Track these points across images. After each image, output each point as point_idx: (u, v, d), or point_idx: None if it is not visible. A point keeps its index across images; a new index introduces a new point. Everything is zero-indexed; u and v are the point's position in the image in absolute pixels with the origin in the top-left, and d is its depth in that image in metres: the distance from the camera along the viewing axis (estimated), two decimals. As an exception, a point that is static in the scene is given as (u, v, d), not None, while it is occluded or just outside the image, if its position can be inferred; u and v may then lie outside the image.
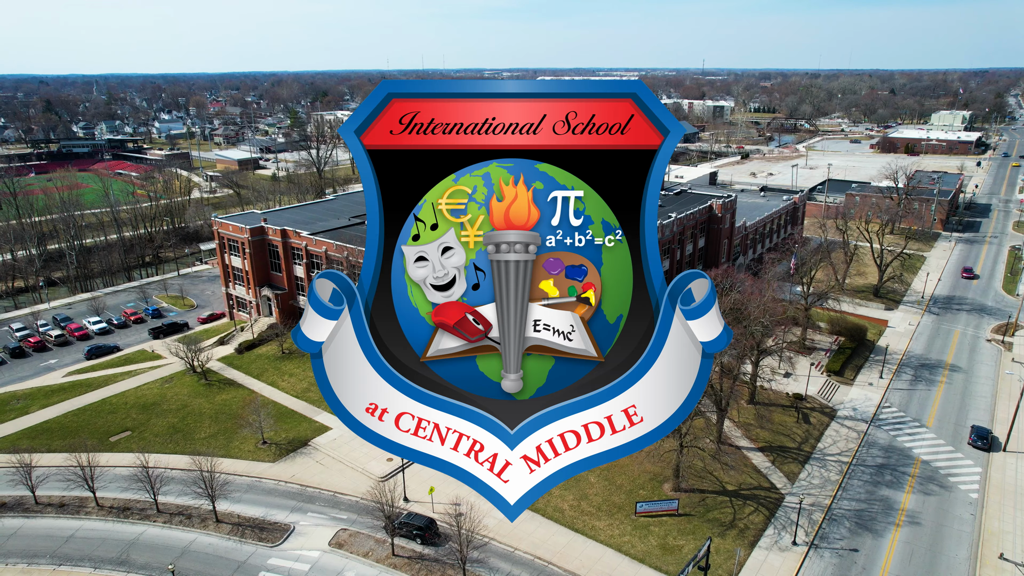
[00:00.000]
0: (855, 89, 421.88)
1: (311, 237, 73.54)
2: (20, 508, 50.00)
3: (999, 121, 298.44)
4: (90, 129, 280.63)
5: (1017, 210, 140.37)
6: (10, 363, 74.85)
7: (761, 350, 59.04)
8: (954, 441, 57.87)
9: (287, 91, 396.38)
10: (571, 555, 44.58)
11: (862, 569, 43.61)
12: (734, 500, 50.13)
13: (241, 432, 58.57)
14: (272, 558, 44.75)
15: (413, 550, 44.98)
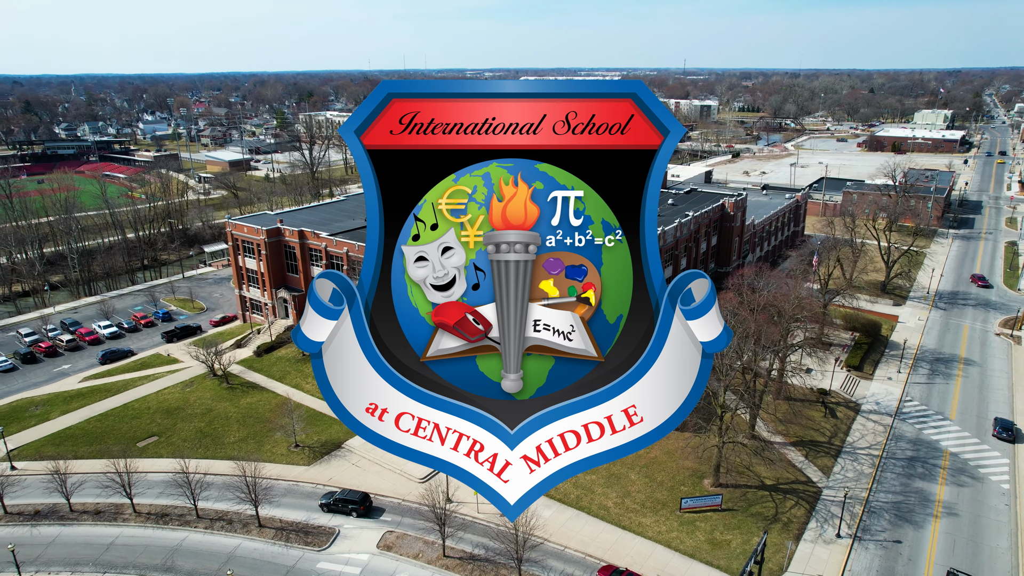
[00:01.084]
0: (836, 88, 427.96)
1: (331, 238, 72.97)
2: (55, 516, 49.04)
3: (978, 120, 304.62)
4: (72, 130, 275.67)
5: (1008, 207, 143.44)
6: (22, 369, 73.37)
7: (790, 345, 59.74)
8: (979, 433, 59.02)
9: (271, 92, 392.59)
10: (621, 552, 44.77)
11: (908, 560, 44.33)
12: (774, 494, 50.66)
13: (272, 436, 57.96)
14: (321, 562, 44.38)
15: (464, 551, 44.87)
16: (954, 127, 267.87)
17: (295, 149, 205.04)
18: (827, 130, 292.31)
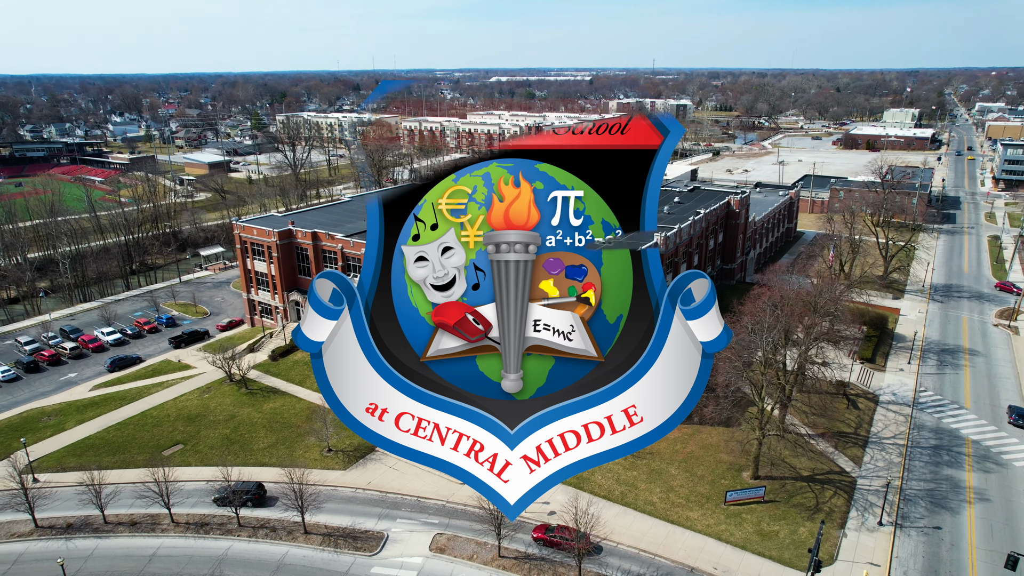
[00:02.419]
0: (805, 88, 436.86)
1: (347, 239, 72.02)
2: (90, 528, 47.55)
3: (942, 118, 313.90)
4: (38, 132, 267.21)
5: (985, 202, 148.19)
6: (26, 378, 70.90)
7: (816, 338, 60.85)
8: (995, 421, 60.88)
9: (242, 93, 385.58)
10: (674, 546, 45.14)
11: (951, 546, 45.53)
12: (812, 485, 51.57)
13: (303, 440, 57.02)
14: (374, 567, 43.83)
15: (518, 550, 44.74)
16: (921, 125, 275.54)
17: (275, 151, 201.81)
18: (801, 128, 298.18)
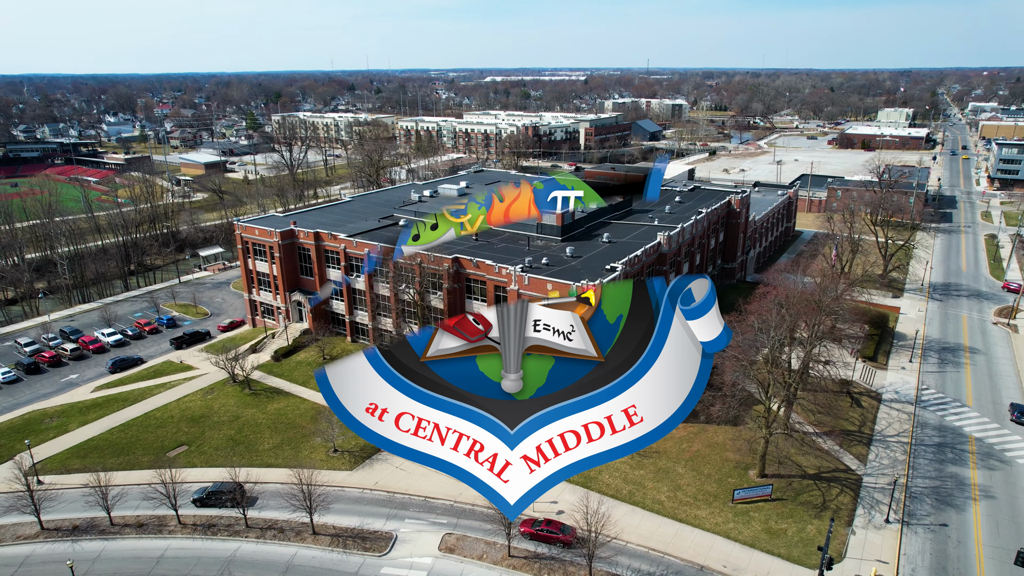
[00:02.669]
0: (799, 88, 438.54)
1: (351, 239, 71.86)
2: (96, 530, 47.30)
3: (936, 118, 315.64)
4: (31, 132, 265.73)
5: (981, 201, 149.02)
6: (27, 380, 70.49)
7: (820, 336, 61.06)
8: (997, 418, 61.24)
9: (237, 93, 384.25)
10: (683, 545, 45.22)
11: (958, 543, 45.77)
12: (818, 483, 51.76)
13: (309, 441, 56.87)
14: (384, 567, 43.75)
15: (528, 549, 44.74)
16: (915, 125, 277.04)
17: (272, 151, 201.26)
18: (796, 128, 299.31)
